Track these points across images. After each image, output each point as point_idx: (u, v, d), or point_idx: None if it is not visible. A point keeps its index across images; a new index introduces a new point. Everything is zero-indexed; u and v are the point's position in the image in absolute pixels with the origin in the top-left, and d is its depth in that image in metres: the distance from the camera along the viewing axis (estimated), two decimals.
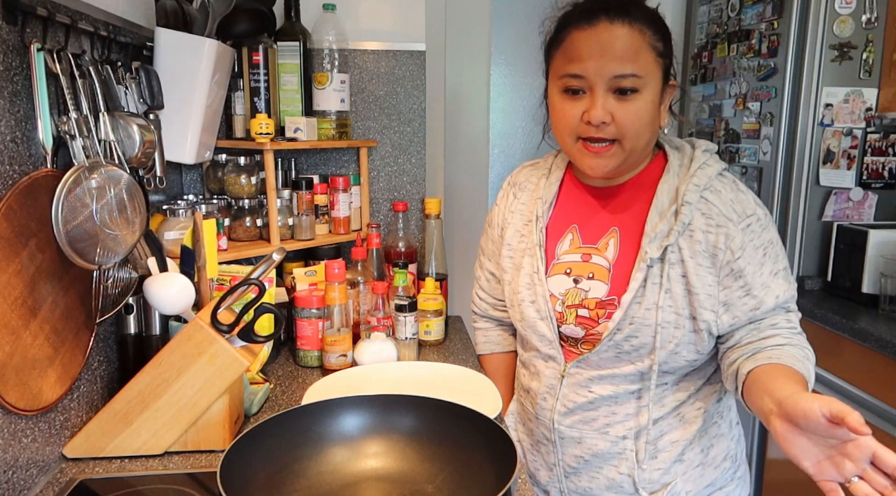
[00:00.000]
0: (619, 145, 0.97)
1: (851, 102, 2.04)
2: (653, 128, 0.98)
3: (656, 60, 0.96)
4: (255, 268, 1.06)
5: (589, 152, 0.98)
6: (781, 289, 0.97)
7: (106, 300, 1.07)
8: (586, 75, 0.94)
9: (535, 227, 1.09)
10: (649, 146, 1.02)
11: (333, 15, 1.62)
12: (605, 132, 0.95)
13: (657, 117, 0.99)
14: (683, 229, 0.97)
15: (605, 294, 1.02)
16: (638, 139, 0.97)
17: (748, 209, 0.98)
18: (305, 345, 1.40)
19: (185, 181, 1.70)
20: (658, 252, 0.97)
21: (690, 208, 0.97)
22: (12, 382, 0.85)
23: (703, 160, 1.01)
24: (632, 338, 1.00)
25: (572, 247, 1.07)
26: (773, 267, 0.98)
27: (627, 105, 0.94)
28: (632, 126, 0.95)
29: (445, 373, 1.33)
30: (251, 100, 1.56)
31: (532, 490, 0.95)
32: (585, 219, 1.08)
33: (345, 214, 1.63)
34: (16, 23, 0.88)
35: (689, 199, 0.97)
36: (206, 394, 1.00)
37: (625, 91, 0.93)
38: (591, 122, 0.95)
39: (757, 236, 0.97)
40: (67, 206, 0.92)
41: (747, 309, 0.97)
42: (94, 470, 0.98)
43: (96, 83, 1.00)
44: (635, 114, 0.94)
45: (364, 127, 1.76)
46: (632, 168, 1.04)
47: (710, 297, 0.97)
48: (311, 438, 0.89)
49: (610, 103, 0.94)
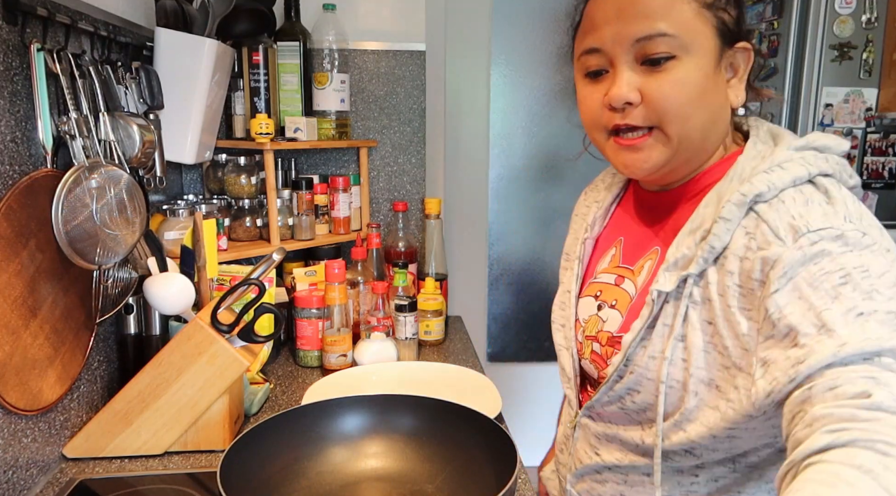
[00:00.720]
0: (659, 132, 0.73)
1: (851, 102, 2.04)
2: (710, 105, 0.72)
3: (701, 13, 0.71)
4: (255, 268, 1.06)
5: (621, 147, 0.75)
6: (859, 335, 0.57)
7: (106, 300, 1.07)
8: (602, 46, 0.73)
9: (581, 235, 0.92)
10: (712, 134, 0.75)
11: (333, 15, 1.62)
12: (633, 117, 0.72)
13: (717, 92, 0.73)
14: (713, 256, 0.70)
15: (617, 328, 0.81)
16: (686, 121, 0.71)
17: (817, 222, 0.64)
18: (305, 345, 1.40)
19: (185, 181, 1.69)
20: (672, 285, 0.71)
21: (728, 227, 0.69)
22: (12, 382, 0.85)
23: (782, 159, 0.70)
24: (633, 393, 0.77)
25: (611, 264, 0.86)
26: (860, 303, 0.59)
27: (662, 76, 0.70)
28: (671, 102, 0.70)
29: (445, 373, 1.33)
30: (251, 100, 1.56)
31: (532, 490, 0.95)
32: (632, 232, 0.86)
33: (345, 214, 1.63)
34: (16, 23, 0.88)
35: (726, 213, 0.69)
36: (206, 394, 1.00)
37: (657, 60, 0.70)
38: (613, 104, 0.72)
39: (827, 259, 0.62)
40: (67, 206, 0.92)
41: (787, 365, 0.60)
42: (94, 470, 0.98)
43: (96, 83, 1.00)
44: (673, 86, 0.70)
45: (364, 127, 1.76)
46: (692, 166, 0.78)
47: (746, 354, 0.66)
48: (311, 438, 0.89)
49: (638, 78, 0.72)
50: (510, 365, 2.46)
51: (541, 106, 2.25)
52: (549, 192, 2.34)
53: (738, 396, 0.67)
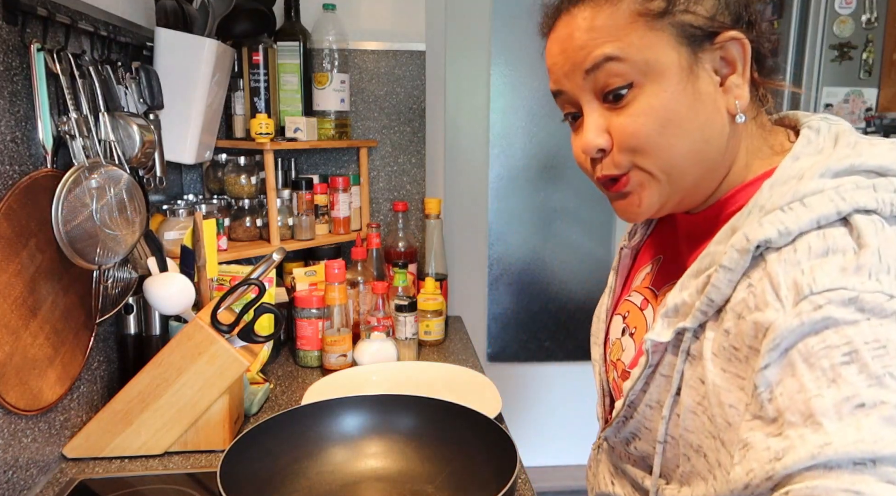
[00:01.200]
0: (641, 172, 0.63)
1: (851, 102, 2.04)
2: (691, 125, 0.61)
3: (651, 27, 0.60)
4: (255, 268, 1.06)
5: (610, 194, 0.67)
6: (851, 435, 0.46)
7: (106, 300, 1.07)
8: (562, 88, 0.66)
9: (621, 244, 0.83)
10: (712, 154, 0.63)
11: (333, 15, 1.62)
12: (610, 166, 0.64)
13: (699, 105, 0.61)
14: (712, 310, 0.59)
15: (629, 364, 0.73)
16: (663, 152, 0.61)
17: (823, 281, 0.51)
18: (305, 345, 1.40)
19: (185, 181, 1.70)
20: (668, 336, 0.62)
21: (730, 278, 0.57)
22: (12, 382, 0.85)
23: (810, 191, 0.56)
24: (635, 440, 0.70)
25: (643, 283, 0.77)
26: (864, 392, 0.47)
27: (624, 111, 0.62)
28: (638, 139, 0.61)
29: (445, 373, 1.33)
30: (251, 100, 1.56)
31: (532, 490, 0.95)
32: (672, 252, 0.75)
33: (345, 214, 1.63)
34: (16, 23, 0.88)
35: (728, 262, 0.57)
36: (206, 394, 1.00)
37: (617, 94, 0.62)
38: (587, 155, 0.66)
39: (832, 330, 0.49)
40: (67, 206, 0.92)
41: (765, 458, 0.50)
42: (94, 470, 0.98)
43: (96, 83, 1.00)
44: (635, 119, 0.61)
45: (364, 127, 1.76)
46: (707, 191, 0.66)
47: (729, 428, 0.57)
48: (311, 438, 0.89)
49: (604, 118, 0.64)
50: (510, 365, 2.46)
51: (541, 106, 2.25)
52: (549, 192, 2.34)
53: (721, 475, 0.57)
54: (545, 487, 2.38)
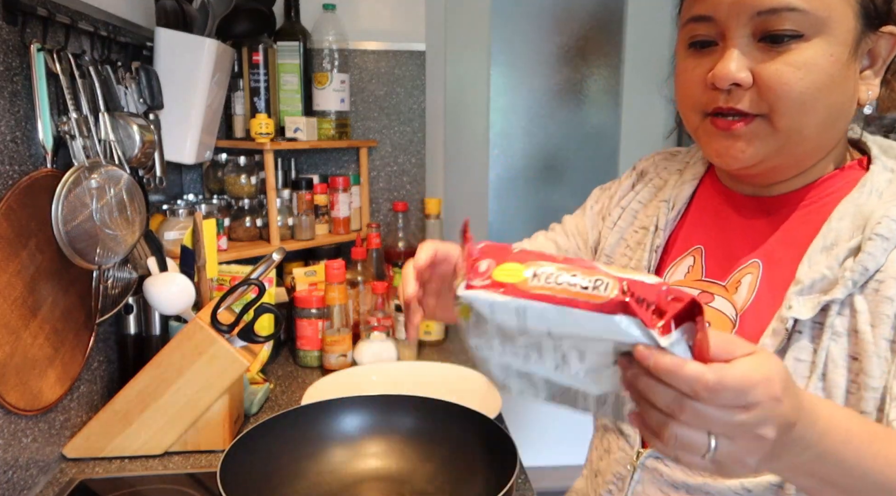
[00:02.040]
0: (766, 122, 0.62)
1: None
2: (835, 100, 0.62)
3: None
4: (255, 268, 1.07)
5: (717, 130, 0.64)
6: None
7: (106, 300, 1.07)
8: (715, 15, 0.62)
9: (649, 242, 0.77)
10: (831, 133, 0.65)
11: (333, 15, 1.62)
12: (740, 101, 0.62)
13: (846, 84, 0.62)
14: (864, 279, 0.59)
15: None
16: (803, 114, 0.61)
17: None
18: (305, 346, 1.40)
19: (185, 181, 1.69)
20: (811, 312, 0.60)
21: (886, 247, 0.59)
22: (12, 382, 0.85)
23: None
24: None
25: (689, 277, 0.73)
26: None
27: (783, 57, 0.59)
28: (790, 90, 0.59)
29: (445, 373, 1.33)
30: (251, 100, 1.56)
31: (532, 490, 0.95)
32: (718, 240, 0.73)
33: (345, 214, 1.63)
34: (16, 23, 0.88)
35: (882, 230, 0.59)
36: (206, 394, 1.00)
37: (779, 38, 0.59)
38: (717, 83, 0.62)
39: None
40: (67, 206, 0.92)
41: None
42: (94, 470, 0.98)
43: (96, 83, 1.00)
44: (795, 71, 0.59)
45: (364, 127, 1.76)
46: (801, 167, 0.67)
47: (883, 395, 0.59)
48: (311, 438, 0.89)
49: (752, 56, 0.61)
50: None
51: (541, 106, 2.25)
52: (549, 192, 2.34)
53: None
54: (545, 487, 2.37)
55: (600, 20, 2.24)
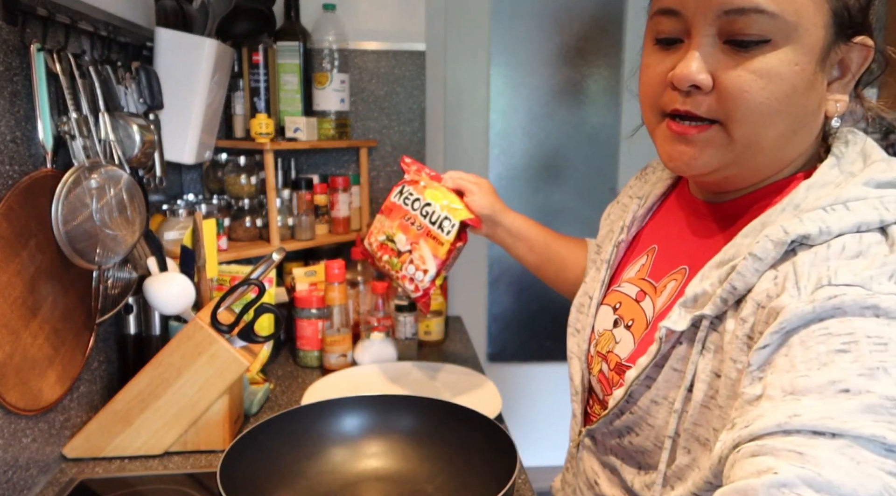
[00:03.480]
0: (722, 130, 0.60)
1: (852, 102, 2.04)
2: (797, 112, 0.59)
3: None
4: (255, 268, 1.07)
5: (671, 133, 0.62)
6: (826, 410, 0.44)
7: (106, 300, 1.07)
8: (681, 10, 0.59)
9: (615, 236, 0.80)
10: (793, 145, 0.62)
11: (333, 15, 1.62)
12: (698, 105, 0.59)
13: (812, 95, 0.59)
14: (734, 298, 0.58)
15: (627, 356, 0.70)
16: (761, 125, 0.58)
17: (845, 275, 0.50)
18: (305, 346, 1.40)
19: (185, 181, 1.70)
20: (684, 325, 0.61)
21: (758, 267, 0.56)
22: (12, 382, 0.85)
23: (853, 196, 0.56)
24: (631, 434, 0.68)
25: (638, 275, 0.75)
26: (852, 379, 0.45)
27: (747, 64, 0.57)
28: (749, 98, 0.57)
29: (445, 373, 1.33)
30: (251, 100, 1.56)
31: (532, 490, 0.95)
32: (667, 242, 0.74)
33: (345, 214, 1.63)
34: (16, 23, 0.88)
35: (760, 251, 0.56)
36: (206, 394, 1.00)
37: (745, 43, 0.57)
38: (676, 84, 0.59)
39: (837, 320, 0.49)
40: (67, 206, 0.92)
41: (735, 433, 0.49)
42: (94, 470, 0.98)
43: (96, 83, 1.00)
44: (757, 78, 0.57)
45: (364, 127, 1.76)
46: (757, 178, 0.64)
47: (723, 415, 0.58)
48: (311, 438, 0.90)
49: (715, 58, 0.58)
50: (510, 365, 2.46)
51: (541, 106, 2.25)
52: (549, 192, 2.34)
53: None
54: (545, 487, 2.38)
55: (600, 20, 2.24)
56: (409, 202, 1.02)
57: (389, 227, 1.03)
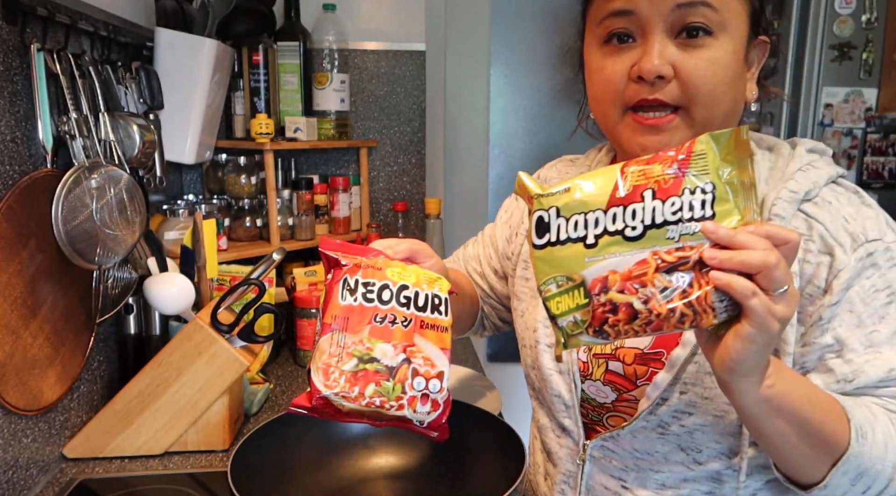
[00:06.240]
0: (685, 115, 0.67)
1: (851, 102, 2.04)
2: (735, 94, 0.68)
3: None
4: (255, 268, 1.07)
5: (641, 126, 0.68)
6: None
7: (106, 300, 1.07)
8: (636, 9, 0.65)
9: None
10: (732, 123, 0.70)
11: (333, 15, 1.62)
12: (664, 93, 0.66)
13: (742, 79, 0.69)
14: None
15: (649, 344, 0.72)
16: (714, 105, 0.67)
17: (871, 231, 0.65)
18: (305, 346, 1.40)
19: (185, 181, 1.69)
20: None
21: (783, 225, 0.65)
22: (12, 382, 0.85)
23: (808, 161, 0.69)
24: (683, 416, 0.69)
25: None
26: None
27: (698, 52, 0.65)
28: (704, 82, 0.65)
29: None
30: (251, 100, 1.56)
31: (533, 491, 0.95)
32: None
33: (345, 214, 1.63)
34: (16, 23, 0.88)
35: (779, 210, 0.66)
36: (206, 394, 1.00)
37: (694, 31, 0.65)
38: (644, 75, 0.66)
39: (879, 273, 0.64)
40: (67, 206, 0.92)
41: (832, 380, 0.64)
42: (94, 470, 0.98)
43: (96, 83, 1.00)
44: (709, 65, 0.65)
45: (364, 127, 1.76)
46: None
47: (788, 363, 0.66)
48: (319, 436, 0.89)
49: (670, 51, 0.66)
50: (510, 365, 2.45)
51: (541, 106, 2.25)
52: None
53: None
54: None
55: None
56: (370, 296, 0.72)
57: (355, 342, 0.71)
